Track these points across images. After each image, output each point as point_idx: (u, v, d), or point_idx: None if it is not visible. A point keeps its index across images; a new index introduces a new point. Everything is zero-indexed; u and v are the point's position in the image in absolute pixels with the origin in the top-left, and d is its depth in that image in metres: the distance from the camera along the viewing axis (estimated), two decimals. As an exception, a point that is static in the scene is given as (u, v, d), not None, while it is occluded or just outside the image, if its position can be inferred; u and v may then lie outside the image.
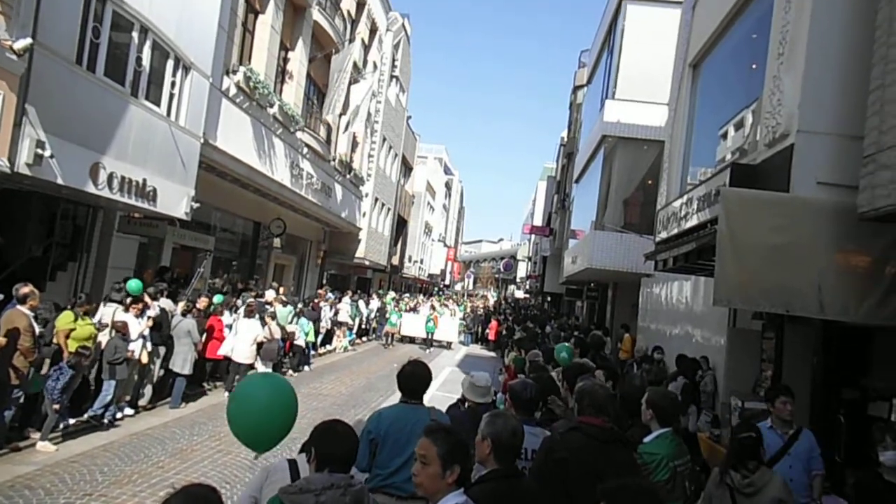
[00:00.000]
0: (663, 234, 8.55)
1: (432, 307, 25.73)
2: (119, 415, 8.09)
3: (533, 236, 47.21)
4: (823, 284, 4.39)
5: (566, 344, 8.38)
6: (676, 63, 9.82)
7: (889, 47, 4.18)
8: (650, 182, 15.72)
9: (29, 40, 6.95)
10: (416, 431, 3.49)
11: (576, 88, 28.67)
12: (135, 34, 9.59)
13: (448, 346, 23.88)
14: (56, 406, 6.72)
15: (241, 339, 10.19)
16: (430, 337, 22.82)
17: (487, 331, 26.86)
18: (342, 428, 2.61)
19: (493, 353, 24.13)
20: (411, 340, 23.45)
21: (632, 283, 15.77)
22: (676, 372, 9.14)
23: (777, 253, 4.45)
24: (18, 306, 6.67)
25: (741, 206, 4.66)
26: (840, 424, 6.04)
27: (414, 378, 3.74)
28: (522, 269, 62.97)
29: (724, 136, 9.11)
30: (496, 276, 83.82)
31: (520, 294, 61.94)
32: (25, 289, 6.90)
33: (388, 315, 23.09)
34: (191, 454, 7.03)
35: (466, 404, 4.37)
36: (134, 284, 8.90)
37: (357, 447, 2.61)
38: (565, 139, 32.63)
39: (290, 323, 13.38)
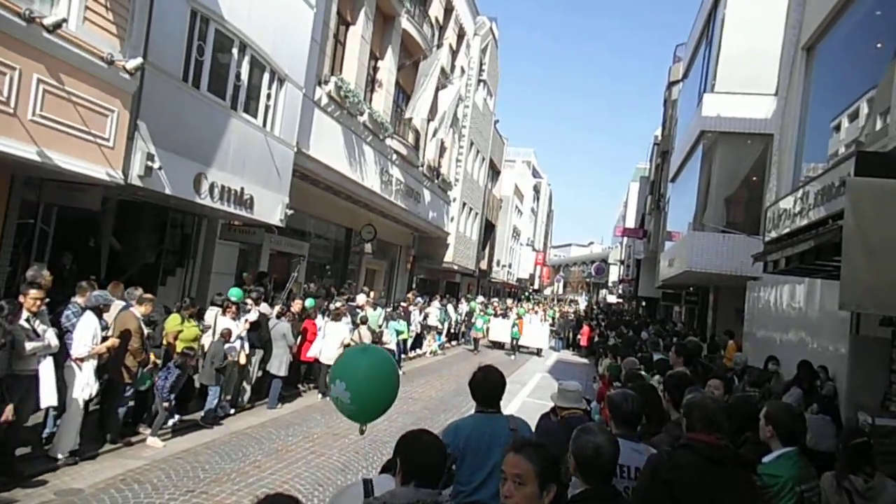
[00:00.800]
0: (774, 233, 7.87)
1: (517, 312, 24.92)
2: (221, 413, 8.46)
3: (625, 239, 45.58)
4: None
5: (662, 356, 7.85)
6: (787, 47, 9.06)
7: None
8: (755, 178, 14.67)
9: (140, 60, 7.42)
10: (496, 442, 3.31)
11: (671, 84, 27.39)
12: (234, 50, 10.07)
13: (538, 352, 23.01)
14: (165, 404, 7.09)
15: (328, 341, 10.45)
16: (514, 342, 22.07)
17: (579, 336, 26.15)
18: (429, 438, 2.47)
19: (585, 360, 23.43)
20: (501, 346, 22.75)
21: (735, 287, 14.75)
22: (791, 381, 8.35)
23: (918, 250, 3.90)
24: (131, 308, 7.11)
25: (872, 197, 4.13)
26: None
27: (486, 384, 3.53)
28: (614, 273, 61.00)
29: (843, 124, 8.29)
30: (587, 280, 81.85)
31: (612, 299, 60.00)
32: (145, 295, 7.38)
33: (474, 320, 22.72)
34: (286, 454, 7.21)
35: (559, 414, 4.12)
36: (235, 292, 9.28)
37: (446, 459, 2.45)
38: (659, 138, 31.27)
39: (380, 327, 13.55)
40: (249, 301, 9.30)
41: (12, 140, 6.11)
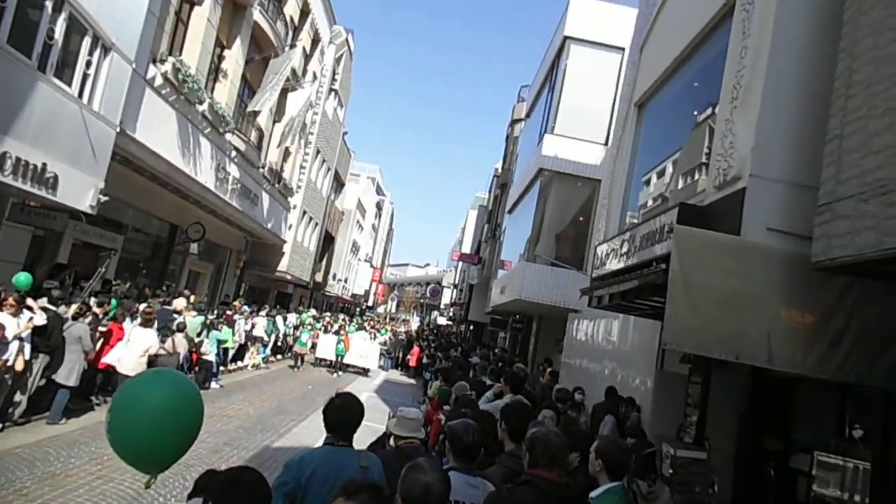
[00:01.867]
0: (599, 270, 8.42)
1: (342, 327, 23.27)
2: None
3: (460, 263, 47.24)
4: (773, 333, 4.25)
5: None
6: (622, 102, 9.92)
7: (847, 98, 4.15)
8: (581, 219, 15.91)
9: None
10: (344, 479, 2.98)
11: (513, 122, 29.08)
12: (48, 3, 8.65)
13: (365, 372, 21.72)
14: None
15: (131, 348, 9.14)
16: (339, 360, 20.55)
17: (409, 356, 26.27)
18: (250, 478, 2.06)
19: (413, 380, 23.54)
20: (329, 364, 21.04)
21: (558, 318, 15.76)
22: (599, 405, 8.95)
23: (730, 297, 4.28)
24: None
25: (695, 245, 4.48)
26: (769, 477, 5.95)
27: (343, 413, 3.18)
28: (447, 296, 62.87)
29: (653, 179, 9.24)
30: (421, 300, 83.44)
31: (443, 320, 61.60)
32: None
33: (299, 333, 21.01)
34: (64, 480, 6.08)
35: (393, 441, 3.87)
36: (23, 278, 7.85)
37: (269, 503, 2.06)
38: (499, 170, 32.96)
39: (200, 335, 12.37)
40: (31, 302, 7.81)
41: None
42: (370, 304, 63.85)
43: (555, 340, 16.73)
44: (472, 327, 36.42)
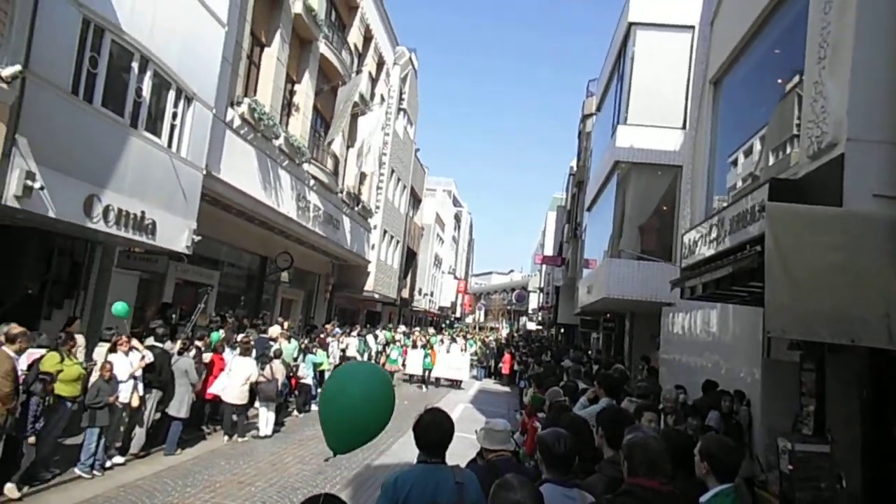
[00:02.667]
0: (689, 260, 8.00)
1: (428, 342, 23.10)
2: (108, 463, 7.53)
3: (544, 267, 46.60)
4: (892, 311, 3.84)
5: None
6: (695, 81, 9.43)
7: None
8: (665, 208, 15.25)
9: (18, 67, 6.66)
10: (441, 497, 2.90)
11: (585, 117, 28.47)
12: (134, 64, 9.34)
13: (458, 384, 21.37)
14: (31, 439, 6.20)
15: (233, 377, 9.62)
16: (427, 374, 20.45)
17: (501, 364, 26.09)
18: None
19: (507, 388, 23.33)
20: (420, 380, 20.85)
21: (651, 313, 15.14)
22: (702, 402, 8.41)
23: (836, 275, 3.91)
24: (3, 348, 6.22)
25: (791, 222, 4.14)
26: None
27: (433, 430, 3.12)
28: (534, 301, 62.13)
29: (740, 159, 8.67)
30: (508, 307, 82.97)
31: (532, 326, 60.96)
32: (15, 330, 6.48)
33: (389, 351, 21.08)
34: (182, 509, 6.46)
35: (486, 456, 3.78)
36: (120, 307, 8.40)
37: None
38: (574, 168, 32.32)
39: (296, 360, 12.82)
40: (136, 343, 8.32)
41: None
42: (458, 315, 64.16)
43: (650, 337, 16.08)
44: (562, 330, 35.75)
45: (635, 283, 14.20)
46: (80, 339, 8.19)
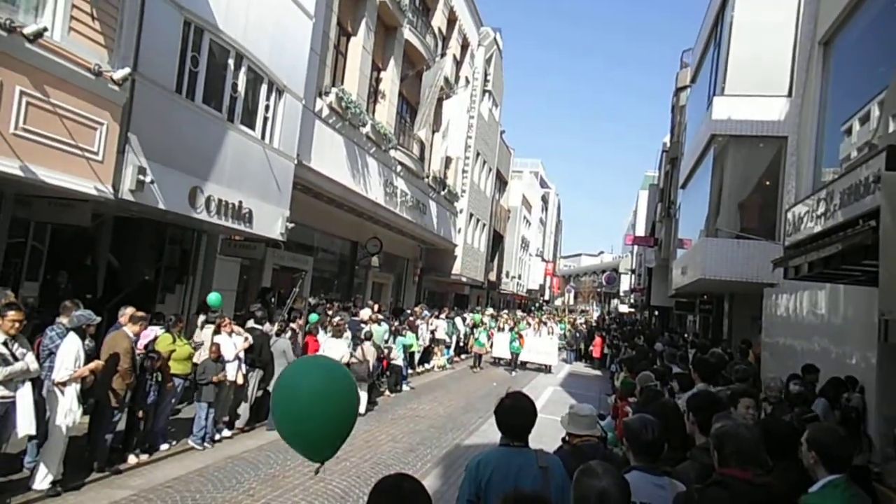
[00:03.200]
0: (794, 237, 7.46)
1: (515, 324, 22.64)
2: (217, 436, 8.12)
3: (636, 247, 45.06)
4: None
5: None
6: (802, 43, 8.70)
7: None
8: (768, 182, 14.25)
9: (128, 70, 7.18)
10: (524, 481, 2.89)
11: (678, 90, 27.06)
12: (230, 61, 9.84)
13: (547, 369, 20.65)
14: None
15: (327, 359, 10.04)
16: (514, 358, 19.94)
17: (591, 348, 25.62)
18: (409, 487, 1.99)
19: (598, 372, 22.90)
20: (506, 363, 20.51)
21: (751, 294, 14.28)
22: (818, 392, 7.85)
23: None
24: (123, 328, 6.81)
25: (911, 194, 3.75)
26: None
27: (515, 414, 3.11)
28: (626, 283, 60.34)
29: (855, 127, 7.91)
30: (598, 290, 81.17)
31: (624, 308, 59.27)
32: (130, 311, 7.08)
33: (477, 334, 20.47)
34: (282, 481, 6.82)
35: (572, 441, 3.72)
36: (214, 298, 8.94)
37: None
38: (668, 144, 30.88)
39: (387, 342, 13.18)
40: (236, 329, 8.85)
41: (-6, 155, 5.86)
42: (546, 297, 63.50)
43: (751, 319, 15.18)
44: (656, 312, 34.53)
45: (734, 263, 13.41)
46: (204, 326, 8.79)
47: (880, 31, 7.36)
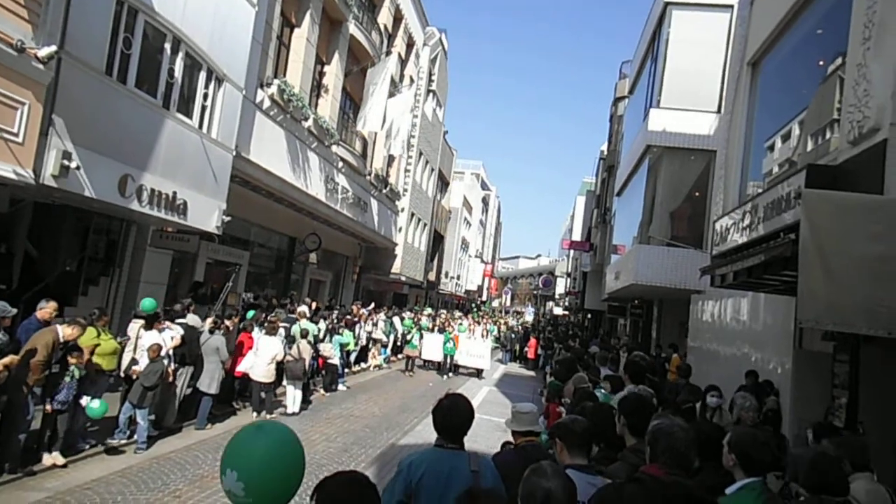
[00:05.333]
0: (721, 247, 7.84)
1: (446, 323, 21.44)
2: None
3: (572, 252, 46.19)
4: (934, 302, 3.70)
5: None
6: (732, 63, 9.16)
7: None
8: (697, 193, 14.94)
9: (53, 48, 6.78)
10: (454, 484, 2.89)
11: (616, 100, 27.96)
12: (167, 45, 9.45)
13: (478, 374, 19.47)
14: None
15: (260, 357, 9.80)
16: (448, 361, 18.76)
17: (526, 349, 26.09)
18: (358, 483, 1.99)
19: (532, 373, 23.35)
20: (438, 366, 19.34)
21: (679, 300, 14.93)
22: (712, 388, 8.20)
23: (877, 265, 3.78)
24: (57, 326, 6.41)
25: (828, 209, 4.00)
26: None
27: (452, 415, 3.11)
28: (561, 286, 61.75)
29: (777, 144, 8.41)
30: (535, 292, 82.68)
31: (559, 311, 60.61)
32: (53, 305, 6.68)
33: (409, 336, 19.46)
34: (211, 482, 6.58)
35: (515, 441, 3.78)
36: (148, 303, 8.56)
37: None
38: (605, 152, 31.85)
39: (323, 340, 12.98)
40: (167, 324, 8.49)
41: None
42: (484, 299, 64.17)
43: (679, 324, 15.87)
44: (589, 316, 35.51)
45: (665, 269, 13.98)
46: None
47: (803, 54, 7.85)
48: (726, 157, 9.21)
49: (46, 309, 6.63)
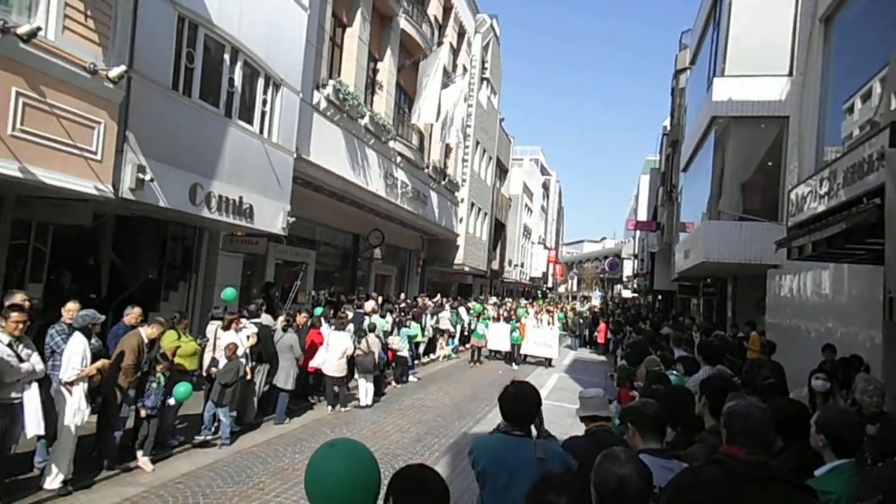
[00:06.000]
0: (797, 217, 7.42)
1: (512, 311, 20.96)
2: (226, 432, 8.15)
3: (638, 232, 44.94)
4: None
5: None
6: (802, 21, 8.62)
7: None
8: (770, 163, 14.20)
9: (123, 68, 7.14)
10: (519, 472, 2.88)
11: (678, 72, 26.89)
12: (226, 56, 9.79)
13: (547, 363, 18.87)
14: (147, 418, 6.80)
15: (331, 352, 10.10)
16: (515, 350, 18.35)
17: (596, 334, 25.65)
18: (428, 476, 1.96)
19: (603, 357, 22.94)
20: (504, 356, 18.91)
21: (755, 276, 14.24)
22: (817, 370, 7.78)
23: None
24: (139, 329, 6.81)
25: (916, 170, 3.71)
26: None
27: (517, 402, 3.08)
28: (628, 268, 60.27)
29: (857, 105, 7.84)
30: (601, 276, 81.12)
31: (627, 293, 59.31)
32: (137, 311, 7.10)
33: (474, 326, 19.17)
34: (292, 474, 6.84)
35: (586, 427, 3.72)
36: (229, 293, 8.94)
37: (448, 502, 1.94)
38: (668, 128, 30.74)
39: (392, 334, 13.19)
40: (243, 320, 8.86)
41: (-8, 157, 5.85)
42: (549, 285, 63.53)
43: (756, 301, 15.17)
44: (659, 297, 34.52)
45: (737, 245, 13.38)
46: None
47: (881, 6, 7.28)
48: (800, 122, 8.69)
49: (132, 314, 7.04)
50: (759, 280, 13.48)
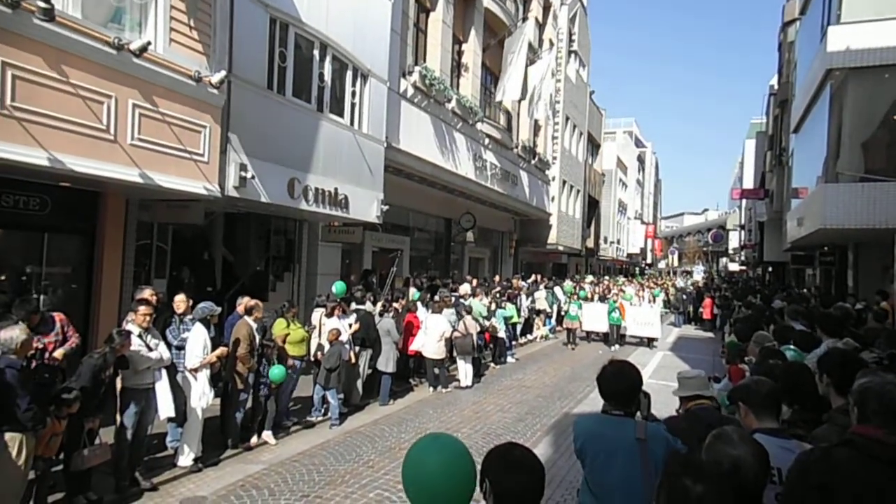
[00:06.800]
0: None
1: (606, 289, 20.18)
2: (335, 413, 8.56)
3: (744, 201, 42.26)
4: None
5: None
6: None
7: None
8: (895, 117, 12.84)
9: (224, 73, 7.55)
10: (619, 452, 2.82)
11: (785, 25, 24.83)
12: (315, 52, 10.09)
13: (649, 343, 17.70)
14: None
15: (430, 335, 10.33)
16: (615, 331, 17.26)
17: (701, 310, 24.47)
18: (520, 454, 1.97)
19: (710, 334, 21.88)
20: (603, 337, 17.85)
21: (881, 242, 12.97)
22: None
23: None
24: (245, 317, 7.26)
25: None
26: None
27: (616, 382, 2.99)
28: (734, 240, 56.93)
29: None
30: (704, 249, 77.30)
31: (734, 266, 56.10)
32: (249, 302, 7.55)
33: (566, 306, 18.29)
34: (399, 452, 7.08)
35: (684, 405, 3.57)
36: (340, 286, 9.33)
37: (543, 480, 1.94)
38: (775, 87, 28.52)
39: (486, 316, 13.24)
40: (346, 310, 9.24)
41: (117, 165, 6.39)
42: (649, 261, 61.26)
43: (882, 269, 13.84)
44: (770, 269, 32.38)
45: (858, 208, 12.23)
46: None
47: None
48: (932, 67, 7.76)
49: (244, 304, 7.50)
50: (886, 246, 12.28)
